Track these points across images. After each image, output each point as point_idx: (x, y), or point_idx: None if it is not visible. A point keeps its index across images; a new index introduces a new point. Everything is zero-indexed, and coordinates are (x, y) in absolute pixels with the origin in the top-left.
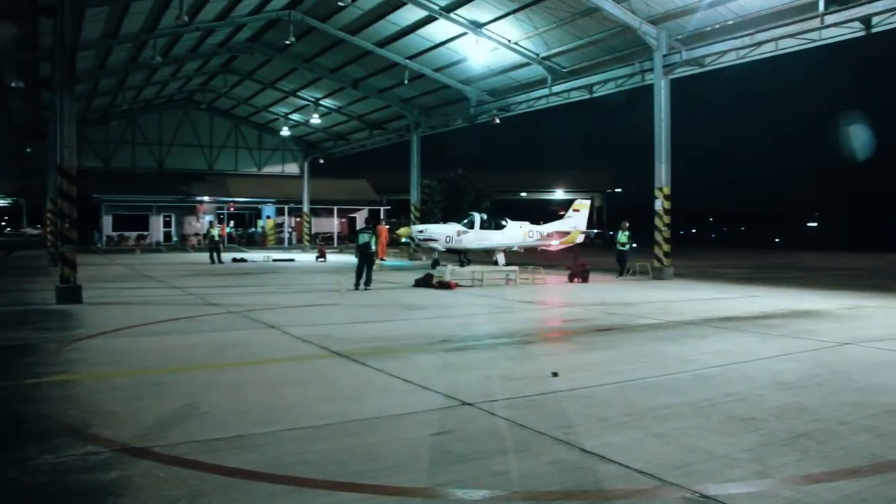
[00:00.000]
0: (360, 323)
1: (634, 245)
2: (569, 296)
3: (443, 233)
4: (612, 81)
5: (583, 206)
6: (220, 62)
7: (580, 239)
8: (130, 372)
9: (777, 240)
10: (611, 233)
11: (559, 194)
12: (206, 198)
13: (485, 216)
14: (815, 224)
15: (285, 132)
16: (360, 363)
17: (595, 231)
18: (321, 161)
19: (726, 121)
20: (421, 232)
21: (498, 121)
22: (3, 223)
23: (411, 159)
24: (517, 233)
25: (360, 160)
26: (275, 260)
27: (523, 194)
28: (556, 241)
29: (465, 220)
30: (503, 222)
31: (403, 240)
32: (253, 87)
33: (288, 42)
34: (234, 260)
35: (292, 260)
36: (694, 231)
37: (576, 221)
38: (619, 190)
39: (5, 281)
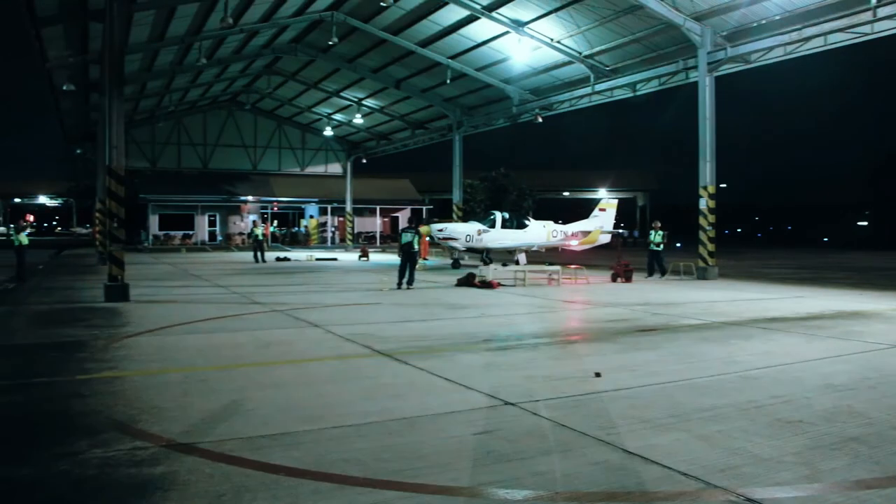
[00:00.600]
0: (403, 322)
1: (679, 245)
2: (612, 295)
3: (463, 232)
4: (655, 79)
5: (609, 206)
6: (264, 63)
7: (605, 239)
8: (177, 369)
9: (826, 239)
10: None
11: (602, 193)
12: (250, 197)
13: (506, 215)
14: (865, 223)
15: (328, 132)
16: (402, 362)
17: (621, 231)
18: (364, 161)
19: (772, 116)
20: (440, 231)
21: (541, 120)
22: (55, 223)
23: (453, 159)
24: (540, 232)
25: (403, 159)
26: (318, 259)
27: (566, 193)
28: (576, 242)
29: (487, 219)
30: (526, 221)
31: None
32: (296, 87)
33: (331, 43)
34: (278, 259)
35: (335, 259)
36: (739, 230)
37: (602, 221)
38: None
39: (56, 279)
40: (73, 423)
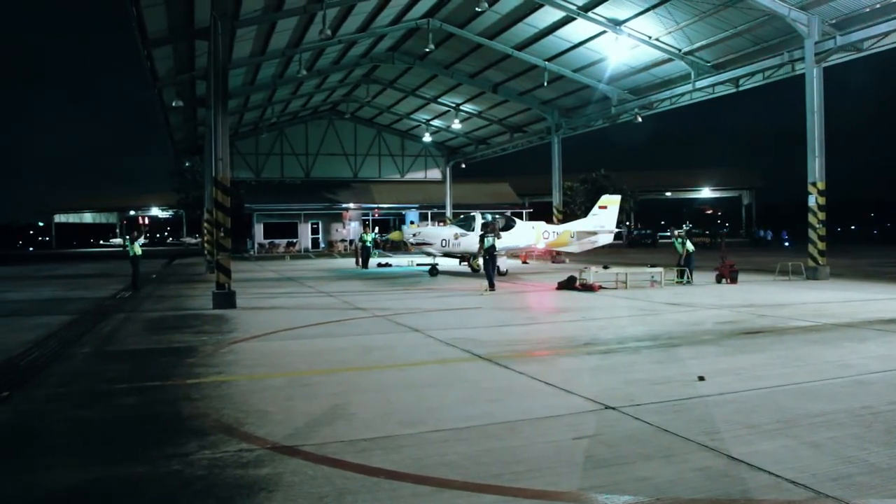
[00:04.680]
0: (503, 326)
1: (787, 244)
2: (716, 297)
3: (438, 236)
4: (759, 73)
5: (611, 203)
6: (362, 72)
7: (607, 239)
8: (281, 373)
9: None
10: (766, 231)
11: (705, 192)
12: (351, 205)
13: (488, 216)
14: None
15: (427, 138)
16: (502, 366)
17: (621, 229)
18: (463, 165)
19: (885, 106)
20: (414, 235)
21: (640, 119)
22: (166, 233)
23: (552, 161)
24: (528, 234)
25: (502, 163)
26: (419, 264)
27: (668, 194)
28: (542, 245)
29: (466, 222)
30: (510, 222)
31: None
32: (394, 95)
33: (427, 50)
34: (380, 265)
35: (436, 264)
36: (853, 227)
37: (602, 220)
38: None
39: (168, 287)
40: (184, 425)
